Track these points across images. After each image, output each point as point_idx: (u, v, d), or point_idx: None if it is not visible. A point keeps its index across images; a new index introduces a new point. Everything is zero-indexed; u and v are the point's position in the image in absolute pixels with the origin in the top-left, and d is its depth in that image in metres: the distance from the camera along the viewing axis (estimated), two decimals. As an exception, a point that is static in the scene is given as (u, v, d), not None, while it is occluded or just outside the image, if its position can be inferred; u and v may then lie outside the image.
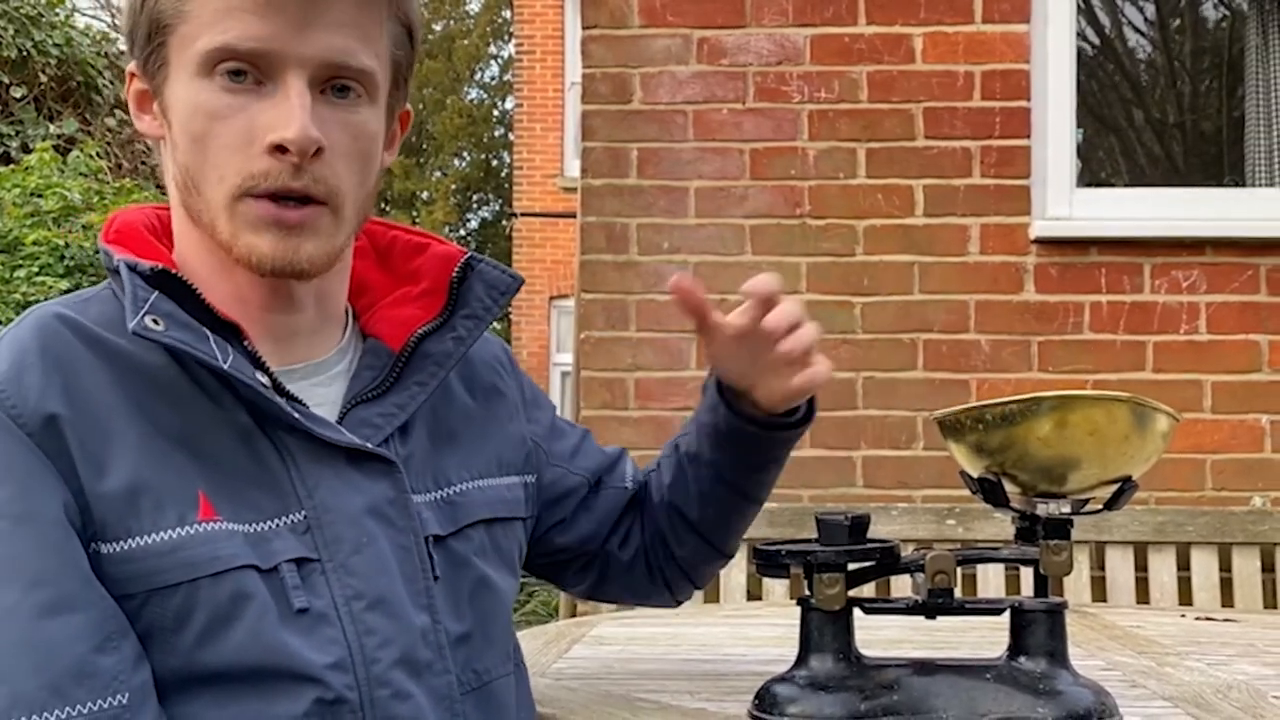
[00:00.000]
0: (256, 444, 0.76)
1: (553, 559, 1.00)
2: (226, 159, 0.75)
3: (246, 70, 0.75)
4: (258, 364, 0.77)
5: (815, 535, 0.94)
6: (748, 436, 0.94)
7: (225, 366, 0.74)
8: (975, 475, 0.95)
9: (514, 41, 11.35)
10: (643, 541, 1.02)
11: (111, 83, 6.54)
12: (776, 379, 0.90)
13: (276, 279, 0.79)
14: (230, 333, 0.77)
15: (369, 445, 0.79)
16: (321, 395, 0.82)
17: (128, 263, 0.76)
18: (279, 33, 0.74)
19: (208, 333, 0.76)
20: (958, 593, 0.92)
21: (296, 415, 0.76)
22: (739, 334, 0.88)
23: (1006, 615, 0.94)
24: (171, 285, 0.76)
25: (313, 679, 0.73)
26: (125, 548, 0.71)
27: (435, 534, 0.82)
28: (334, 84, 0.77)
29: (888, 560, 0.93)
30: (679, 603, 1.08)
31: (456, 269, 0.88)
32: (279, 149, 0.75)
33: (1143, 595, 2.16)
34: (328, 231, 0.78)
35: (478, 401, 0.92)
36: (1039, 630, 0.91)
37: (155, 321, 0.74)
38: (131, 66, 0.80)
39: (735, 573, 2.17)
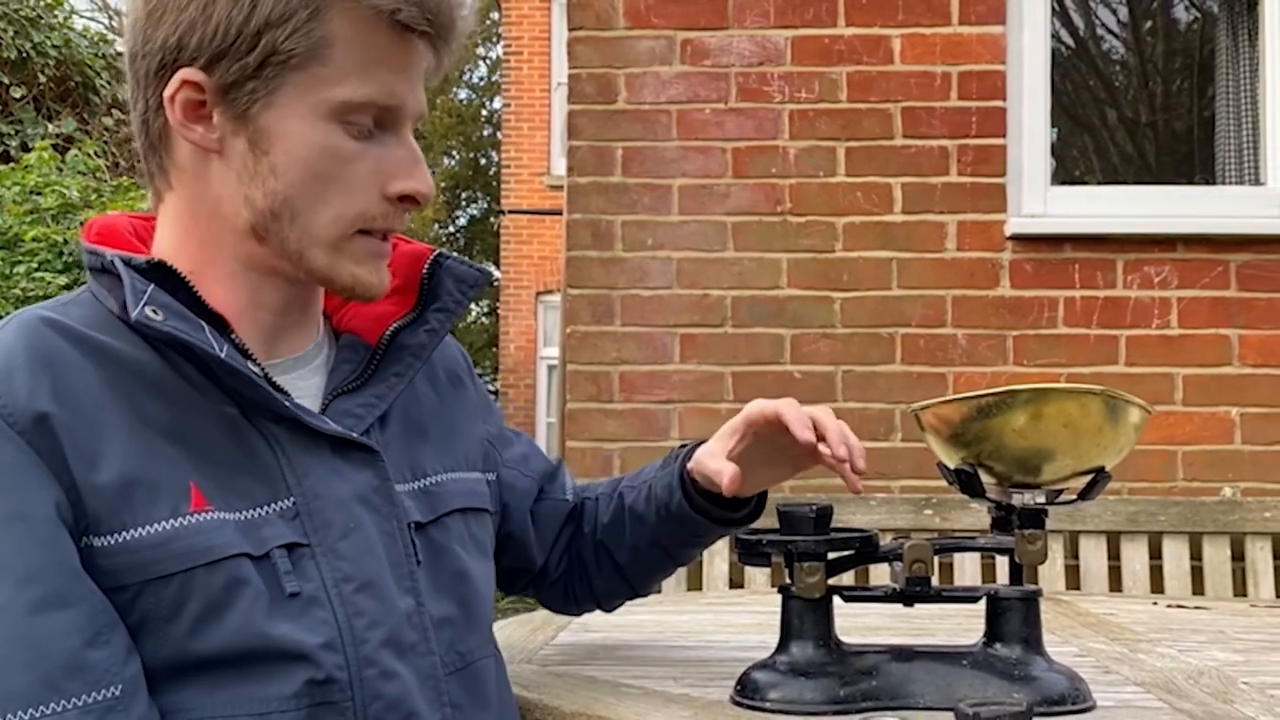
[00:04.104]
0: (245, 434, 0.78)
1: (506, 569, 1.03)
2: (348, 199, 0.80)
3: (375, 120, 0.80)
4: (246, 356, 0.79)
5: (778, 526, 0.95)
6: (695, 523, 1.00)
7: (222, 355, 0.76)
8: (952, 466, 0.96)
9: (502, 43, 11.34)
10: (569, 563, 1.07)
11: (109, 83, 6.53)
12: (772, 470, 0.99)
13: (305, 289, 0.84)
14: (219, 326, 0.79)
15: (354, 434, 0.81)
16: (302, 388, 0.84)
17: (123, 257, 0.78)
18: (406, 90, 0.81)
19: (203, 324, 0.77)
20: (935, 581, 0.93)
21: (286, 404, 0.78)
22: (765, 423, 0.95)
23: (982, 603, 0.95)
24: (165, 279, 0.78)
25: (304, 659, 0.74)
26: (119, 540, 0.72)
27: (416, 521, 0.84)
28: None
29: (867, 549, 0.94)
30: (580, 614, 1.15)
31: (426, 266, 0.91)
32: (409, 199, 0.82)
33: (1115, 583, 2.19)
34: None
35: (442, 401, 0.94)
36: (1014, 618, 0.93)
37: (155, 312, 0.75)
38: (189, 74, 0.77)
39: (718, 561, 2.19)
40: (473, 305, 0.97)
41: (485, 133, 18.24)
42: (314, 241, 0.80)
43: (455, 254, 0.94)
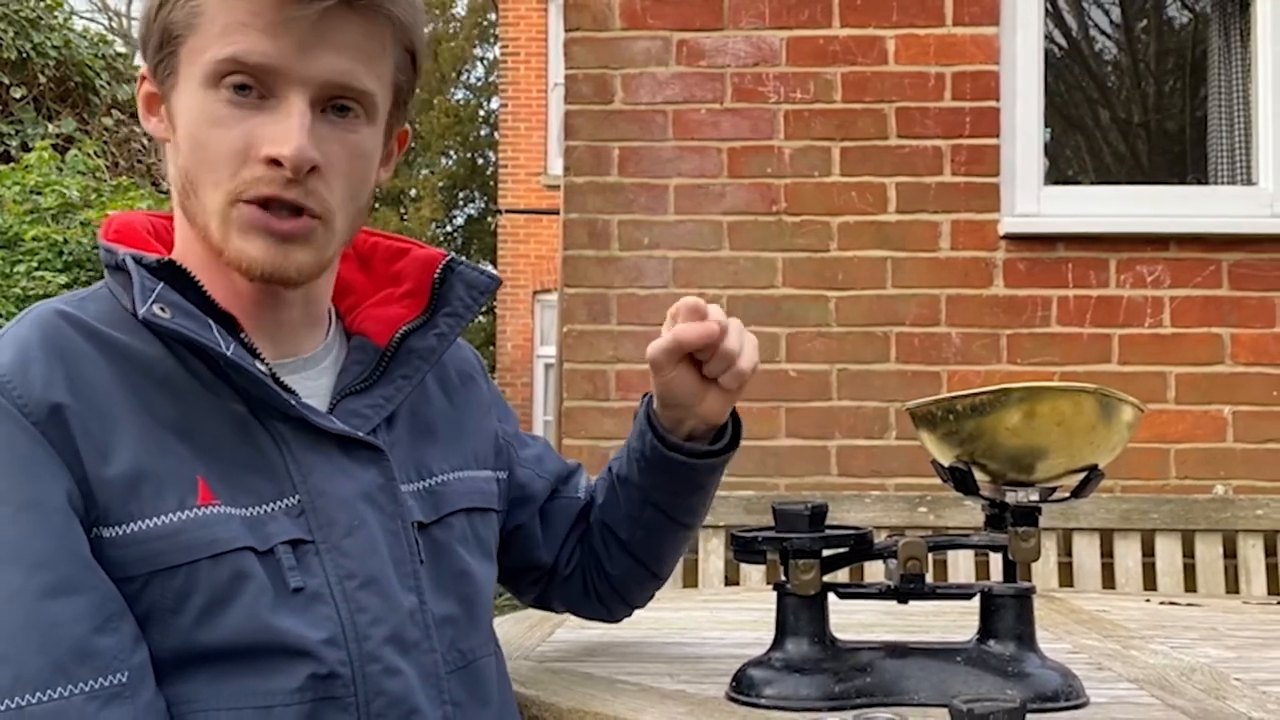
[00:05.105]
0: (252, 432, 0.79)
1: (512, 567, 1.03)
2: (223, 166, 0.78)
3: (251, 85, 0.77)
4: (254, 355, 0.80)
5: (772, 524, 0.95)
6: (672, 463, 0.97)
7: (229, 353, 0.77)
8: (946, 464, 0.97)
9: (499, 44, 11.37)
10: (581, 558, 1.07)
11: (109, 83, 6.56)
12: (717, 393, 0.95)
13: (266, 283, 0.81)
14: (228, 324, 0.80)
15: (360, 433, 0.82)
16: (310, 388, 0.85)
17: (134, 255, 0.79)
18: (285, 51, 0.77)
19: (211, 322, 0.78)
20: (929, 578, 0.93)
21: (293, 403, 0.79)
22: (676, 349, 0.92)
23: (976, 600, 0.95)
24: (175, 277, 0.79)
25: (307, 654, 0.75)
26: (127, 531, 0.73)
27: (419, 521, 0.85)
28: (334, 103, 0.80)
29: (861, 547, 0.95)
30: (617, 620, 1.12)
31: (438, 270, 0.91)
32: (274, 162, 0.77)
33: (1108, 580, 2.20)
34: (319, 243, 0.81)
35: (452, 401, 0.95)
36: (1008, 615, 0.93)
37: (163, 309, 0.77)
38: (143, 69, 0.83)
39: (713, 558, 2.20)
40: (474, 307, 0.97)
41: (482, 133, 18.27)
42: (209, 214, 0.79)
43: (466, 259, 0.95)
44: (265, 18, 0.76)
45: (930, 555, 0.93)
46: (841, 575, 1.00)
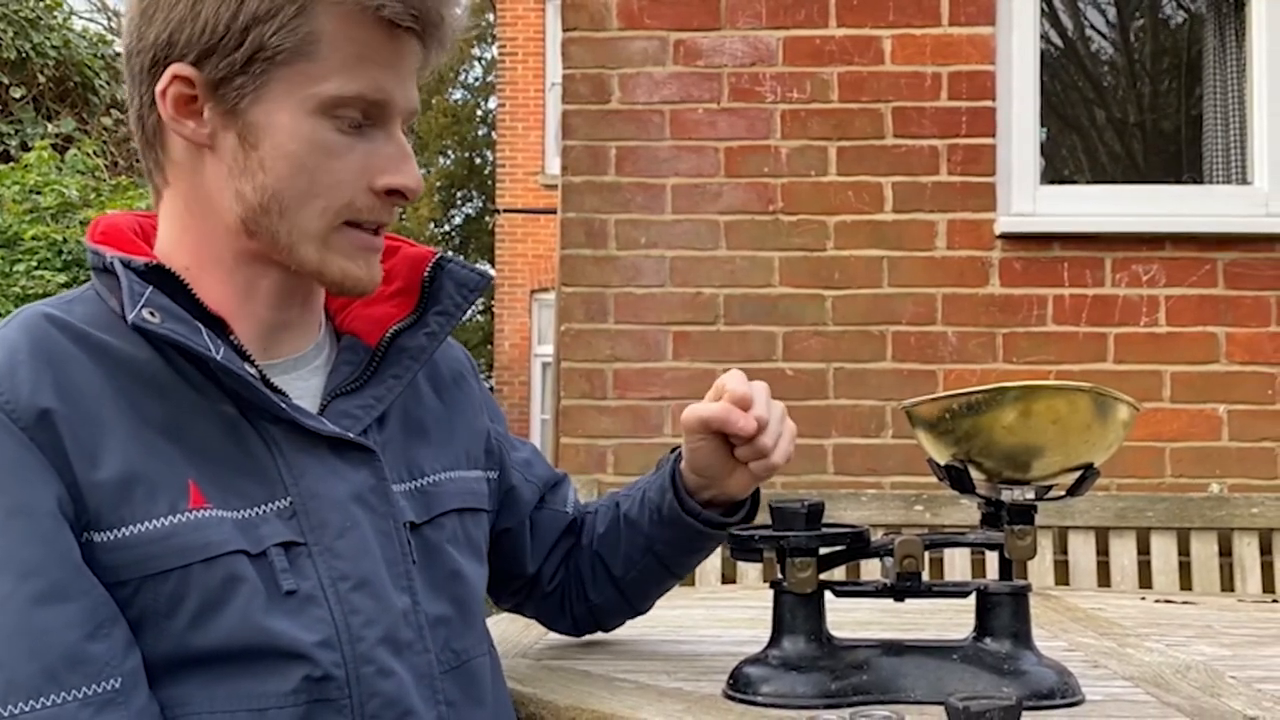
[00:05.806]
0: (242, 434, 0.79)
1: (496, 572, 1.03)
2: (335, 193, 0.80)
3: (363, 115, 0.81)
4: (244, 357, 0.80)
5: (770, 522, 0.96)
6: (687, 527, 0.99)
7: (218, 357, 0.77)
8: (942, 463, 0.97)
9: (497, 44, 11.40)
10: (565, 576, 1.07)
11: (108, 83, 6.58)
12: (745, 473, 0.97)
13: (302, 282, 0.84)
14: (218, 327, 0.79)
15: (350, 435, 0.82)
16: (301, 388, 0.85)
17: (122, 259, 0.78)
18: (393, 85, 0.81)
19: (200, 325, 0.78)
20: (925, 576, 0.93)
21: (283, 405, 0.79)
22: (707, 427, 0.94)
23: (972, 598, 0.95)
24: (163, 281, 0.79)
25: (301, 657, 0.75)
26: (119, 536, 0.73)
27: (411, 521, 0.85)
28: None
29: (858, 545, 0.95)
30: (581, 636, 1.13)
31: (427, 269, 0.91)
32: (395, 193, 0.82)
33: (1104, 579, 2.21)
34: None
35: (443, 401, 0.95)
36: (1004, 612, 0.93)
37: (152, 314, 0.76)
38: (180, 69, 0.78)
39: (710, 557, 2.20)
40: (468, 305, 0.97)
41: (480, 132, 18.30)
42: (303, 235, 0.80)
43: (457, 257, 0.95)
44: (385, 52, 0.80)
45: (926, 553, 0.93)
46: (838, 573, 1.00)
